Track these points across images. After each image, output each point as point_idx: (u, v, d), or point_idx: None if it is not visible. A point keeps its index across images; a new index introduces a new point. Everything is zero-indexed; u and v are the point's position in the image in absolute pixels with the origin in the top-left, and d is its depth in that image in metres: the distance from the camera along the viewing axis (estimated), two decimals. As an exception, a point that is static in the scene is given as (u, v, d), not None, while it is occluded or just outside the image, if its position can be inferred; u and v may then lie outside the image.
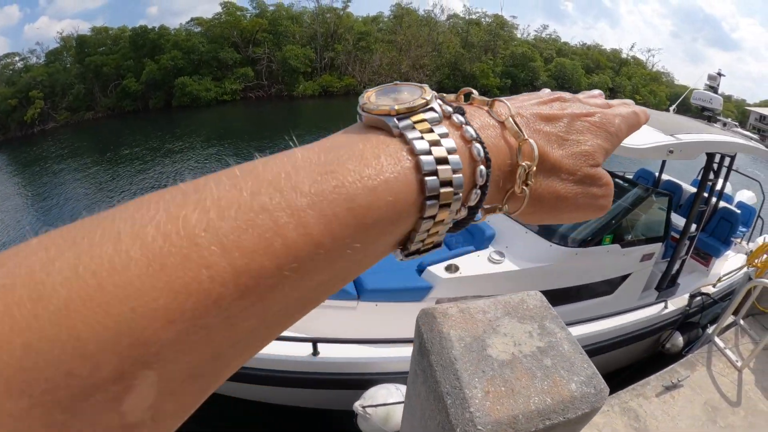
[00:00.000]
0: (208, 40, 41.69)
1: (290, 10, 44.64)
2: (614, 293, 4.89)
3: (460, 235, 4.72)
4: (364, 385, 3.56)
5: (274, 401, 4.25)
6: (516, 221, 4.54)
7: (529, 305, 1.51)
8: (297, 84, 39.94)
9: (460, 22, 47.31)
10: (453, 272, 4.13)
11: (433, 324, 1.41)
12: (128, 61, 42.59)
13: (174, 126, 31.64)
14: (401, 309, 4.13)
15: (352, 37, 41.87)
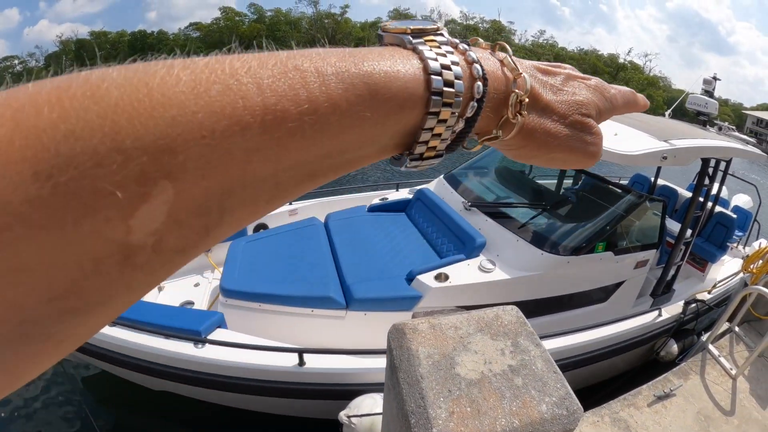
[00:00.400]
0: (207, 45, 41.83)
1: (288, 15, 44.91)
2: (608, 301, 4.83)
3: (450, 243, 4.65)
4: (351, 395, 3.53)
5: (260, 409, 4.23)
6: (507, 230, 4.52)
7: (503, 321, 1.47)
8: (295, 90, 39.85)
9: (458, 28, 47.23)
10: (443, 281, 4.06)
11: (402, 340, 1.38)
12: (126, 65, 42.88)
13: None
14: (391, 318, 3.93)
15: (350, 43, 41.69)
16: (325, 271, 4.51)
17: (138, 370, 3.97)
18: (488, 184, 5.66)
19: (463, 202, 5.02)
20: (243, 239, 5.33)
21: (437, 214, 5.11)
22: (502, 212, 4.85)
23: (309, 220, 5.70)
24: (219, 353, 3.67)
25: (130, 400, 5.20)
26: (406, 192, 6.17)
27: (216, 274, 5.74)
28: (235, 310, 4.26)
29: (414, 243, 4.98)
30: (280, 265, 4.69)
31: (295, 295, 4.14)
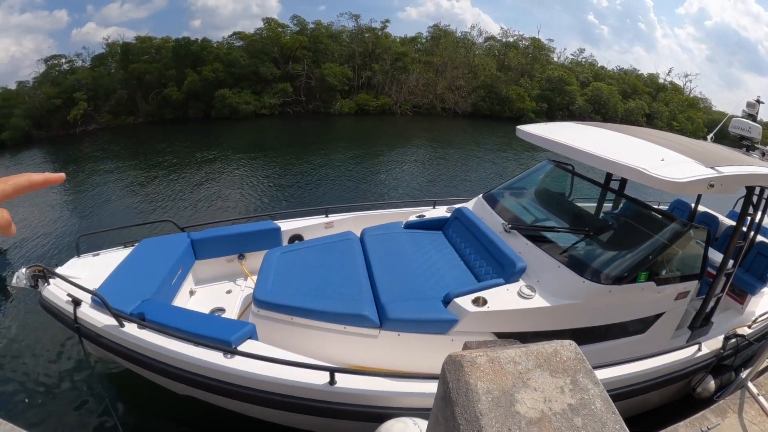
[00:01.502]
0: (249, 54, 42.42)
1: (330, 28, 45.21)
2: (646, 332, 4.66)
3: (489, 266, 4.55)
4: (380, 418, 3.44)
5: (286, 424, 4.22)
6: (548, 254, 4.40)
7: (562, 357, 1.43)
8: (334, 101, 40.09)
9: (497, 45, 47.18)
10: (480, 305, 3.97)
11: (460, 373, 1.34)
12: (170, 70, 43.60)
13: (212, 136, 32.07)
14: (424, 341, 4.05)
15: (389, 57, 41.95)
16: (360, 287, 4.47)
17: (165, 375, 3.98)
18: (528, 206, 5.55)
19: (503, 224, 4.93)
20: (278, 250, 5.29)
21: (476, 234, 5.02)
22: (542, 236, 4.72)
23: (345, 234, 5.65)
24: (249, 365, 3.66)
25: (151, 400, 5.23)
26: (444, 210, 6.07)
27: (249, 283, 5.82)
28: (266, 321, 4.25)
29: (451, 263, 4.90)
30: (314, 279, 4.66)
31: (328, 310, 4.11)
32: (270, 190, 16.82)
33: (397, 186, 15.96)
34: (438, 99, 40.58)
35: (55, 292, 4.52)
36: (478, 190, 6.18)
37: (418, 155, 21.73)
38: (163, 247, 5.50)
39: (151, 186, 18.99)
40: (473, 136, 28.60)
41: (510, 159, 20.34)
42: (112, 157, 28.05)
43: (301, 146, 25.37)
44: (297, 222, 6.43)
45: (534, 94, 40.50)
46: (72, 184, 21.37)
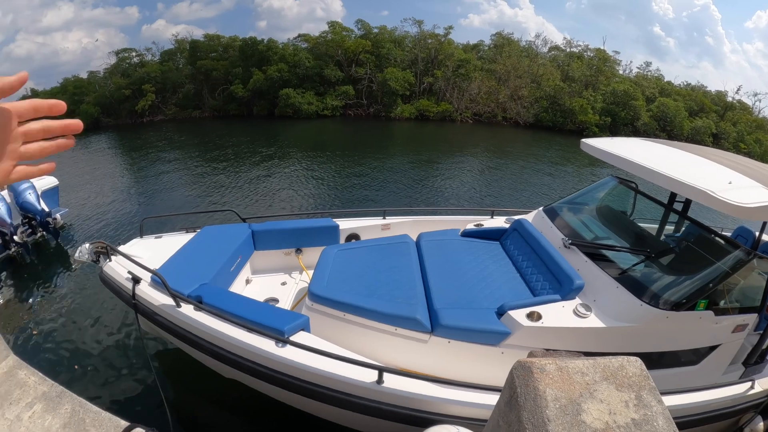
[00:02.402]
0: (314, 56, 43.18)
1: (393, 33, 45.45)
2: (699, 364, 4.48)
3: (546, 281, 4.47)
4: (424, 423, 3.47)
5: (329, 419, 4.27)
6: (607, 274, 4.26)
7: (628, 372, 1.44)
8: (395, 106, 40.18)
9: (561, 55, 46.19)
10: (535, 320, 3.90)
11: (529, 378, 1.39)
12: (237, 68, 44.72)
13: (274, 133, 32.82)
14: (474, 350, 4.02)
15: (451, 64, 41.72)
16: (414, 291, 4.48)
17: (215, 357, 4.10)
18: (588, 222, 5.42)
19: (563, 239, 4.83)
20: (335, 247, 5.39)
21: (534, 247, 4.96)
22: (602, 254, 4.59)
23: (401, 237, 5.67)
24: (299, 356, 3.72)
25: (197, 380, 5.42)
26: (502, 220, 6.01)
27: (304, 277, 5.95)
28: (319, 315, 4.33)
29: (507, 275, 4.86)
30: (369, 278, 4.72)
31: (381, 310, 4.14)
32: (328, 188, 17.08)
33: (453, 193, 15.93)
34: (500, 108, 39.95)
35: (116, 269, 4.77)
36: (535, 203, 6.15)
37: (475, 164, 21.51)
38: (224, 236, 5.71)
39: (212, 176, 19.61)
40: (533, 147, 27.84)
41: (570, 173, 19.91)
42: (177, 147, 29.10)
43: (360, 149, 25.59)
44: (354, 222, 6.52)
45: (598, 107, 39.12)
46: (136, 170, 22.44)
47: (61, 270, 10.64)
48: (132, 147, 30.94)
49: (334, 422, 4.30)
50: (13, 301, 9.03)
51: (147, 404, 5.50)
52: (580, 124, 37.50)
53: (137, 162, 25.05)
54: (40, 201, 12.12)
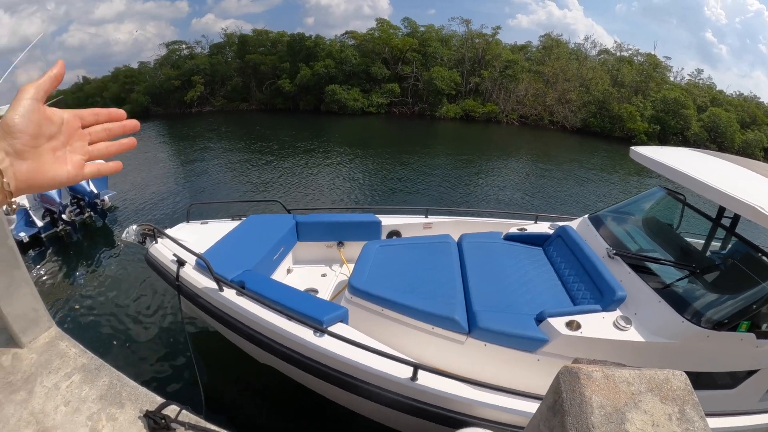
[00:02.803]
0: (360, 53, 43.44)
1: (440, 32, 45.22)
2: (736, 388, 4.27)
3: (587, 290, 4.37)
4: (455, 424, 3.45)
5: (359, 411, 4.31)
6: (650, 287, 4.11)
7: (672, 385, 1.44)
8: (440, 105, 39.98)
9: (611, 59, 44.66)
10: (574, 329, 3.81)
11: (576, 384, 1.39)
12: (284, 63, 45.30)
13: (319, 128, 33.12)
14: (509, 355, 3.96)
15: (499, 64, 41.22)
16: (453, 291, 4.46)
17: (253, 342, 4.18)
18: (633, 233, 5.27)
19: (607, 248, 4.72)
20: (377, 242, 5.42)
21: (578, 255, 4.86)
22: (646, 266, 4.42)
23: (443, 236, 5.67)
24: (336, 346, 3.76)
25: (232, 363, 5.54)
26: (546, 226, 5.91)
27: (344, 270, 6.03)
28: (357, 309, 4.37)
29: (548, 282, 4.78)
30: (410, 275, 4.74)
31: (419, 308, 4.14)
32: (370, 185, 17.22)
33: (495, 196, 15.83)
34: (546, 111, 39.14)
35: (162, 251, 4.96)
36: (578, 211, 6.06)
37: (519, 167, 21.25)
38: (269, 225, 5.86)
39: (257, 168, 20.02)
40: (579, 153, 27.05)
41: (615, 182, 19.39)
42: (223, 138, 29.84)
43: (403, 147, 25.65)
44: (396, 219, 6.54)
45: (647, 115, 37.53)
46: (183, 158, 23.12)
47: (105, 249, 11.10)
48: (180, 136, 31.76)
49: (364, 415, 4.34)
50: (58, 275, 9.47)
51: (181, 383, 5.67)
52: (628, 131, 36.15)
53: (184, 150, 25.73)
54: (89, 182, 12.58)
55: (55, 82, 0.81)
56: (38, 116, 0.76)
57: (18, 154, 0.73)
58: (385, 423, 4.27)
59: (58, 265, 10.17)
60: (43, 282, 8.72)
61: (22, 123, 0.73)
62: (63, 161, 0.80)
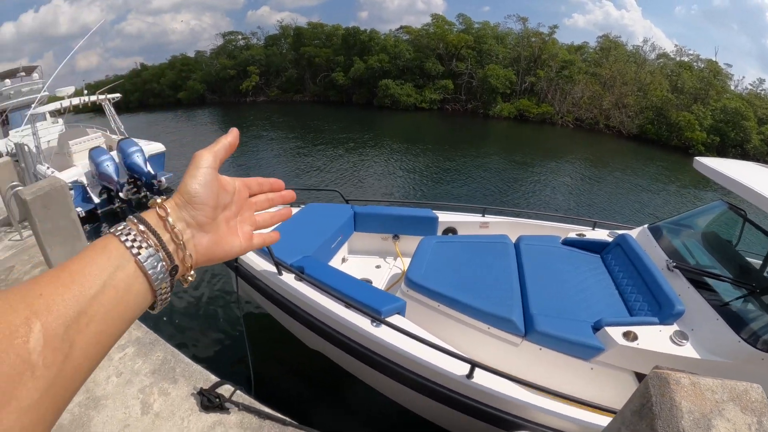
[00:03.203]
0: (415, 48, 43.37)
1: (496, 29, 44.58)
2: None
3: (645, 302, 4.27)
4: (508, 426, 3.45)
5: (408, 406, 4.30)
6: (709, 304, 3.96)
7: (751, 397, 1.46)
8: (494, 104, 39.47)
9: (670, 64, 42.47)
10: (630, 340, 3.73)
11: (666, 389, 1.42)
12: (339, 56, 45.65)
13: (371, 122, 33.41)
14: (563, 362, 3.92)
15: (555, 64, 40.38)
16: (511, 292, 4.44)
17: (309, 327, 4.27)
18: (691, 246, 5.08)
19: (667, 261, 4.56)
20: (434, 238, 5.45)
21: (637, 265, 4.75)
22: (705, 282, 4.26)
23: (501, 236, 5.62)
24: (392, 337, 3.79)
25: (282, 346, 5.68)
26: (605, 234, 5.82)
27: (398, 263, 6.11)
28: (413, 302, 4.39)
29: (605, 290, 4.69)
30: (466, 273, 4.73)
31: (476, 306, 4.13)
32: (422, 180, 17.30)
33: (547, 200, 15.65)
34: (602, 115, 37.69)
35: None
36: (631, 220, 5.94)
37: (573, 171, 20.90)
38: (328, 213, 6.01)
39: (310, 157, 20.54)
40: (634, 161, 26.22)
41: (671, 193, 18.57)
42: (277, 127, 30.56)
43: (456, 144, 25.58)
44: (453, 216, 6.54)
45: (706, 125, 35.15)
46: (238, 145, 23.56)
47: None
48: (234, 123, 32.25)
49: (410, 409, 4.34)
50: None
51: (232, 363, 5.85)
52: (686, 141, 34.06)
53: (239, 138, 26.30)
54: (147, 164, 13.20)
55: (230, 150, 0.81)
56: (217, 186, 0.75)
57: (200, 226, 0.71)
58: (432, 419, 4.26)
59: None
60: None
61: (205, 194, 0.72)
62: (235, 232, 0.79)
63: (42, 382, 0.46)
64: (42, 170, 12.05)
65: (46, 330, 0.48)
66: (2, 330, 0.44)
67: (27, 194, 4.03)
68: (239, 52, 52.30)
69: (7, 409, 0.42)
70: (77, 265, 0.56)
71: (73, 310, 0.51)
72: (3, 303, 0.47)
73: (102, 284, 0.55)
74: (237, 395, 3.44)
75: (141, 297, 0.62)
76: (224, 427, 3.19)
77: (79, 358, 0.51)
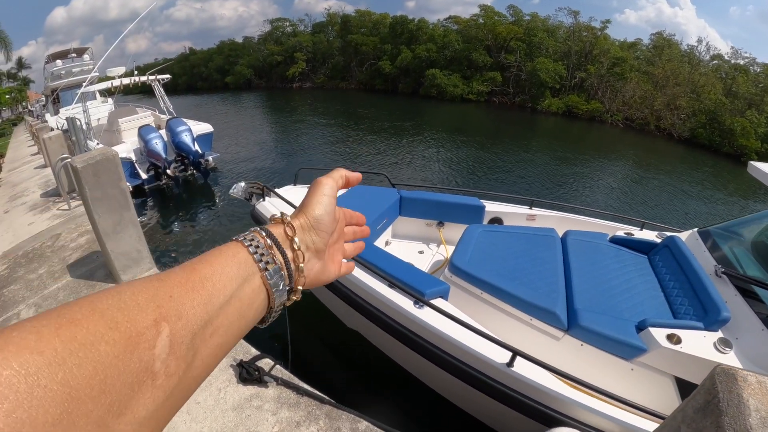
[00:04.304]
0: (463, 39, 43.14)
1: (546, 22, 44.02)
2: None
3: (690, 306, 4.18)
4: (546, 420, 3.41)
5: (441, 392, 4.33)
6: (756, 314, 3.88)
7: None
8: (542, 98, 39.05)
9: (725, 66, 40.78)
10: (674, 343, 3.64)
11: (733, 385, 1.38)
12: (386, 45, 45.77)
13: (417, 111, 33.19)
14: (604, 360, 3.87)
15: (606, 61, 39.53)
16: (556, 285, 4.38)
17: (351, 304, 4.31)
18: (739, 254, 4.90)
19: (715, 266, 4.48)
20: (480, 226, 5.41)
21: (684, 269, 4.64)
22: (753, 291, 4.14)
23: (548, 230, 5.57)
24: (435, 320, 3.78)
25: (320, 325, 5.75)
26: (653, 235, 5.71)
27: (441, 250, 6.09)
28: (456, 288, 4.38)
29: (650, 291, 4.60)
30: (511, 263, 4.69)
31: (520, 296, 4.10)
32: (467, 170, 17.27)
33: (594, 198, 15.43)
34: (653, 116, 36.42)
35: (268, 207, 5.29)
36: (677, 226, 5.81)
37: (620, 172, 20.42)
38: (374, 195, 6.05)
39: (356, 142, 20.87)
40: (683, 165, 25.45)
41: (719, 201, 17.83)
42: (324, 113, 30.87)
43: (503, 137, 25.49)
44: (499, 206, 6.48)
45: (760, 132, 33.38)
46: (284, 128, 24.33)
47: (205, 205, 11.90)
48: (280, 108, 32.92)
49: (444, 396, 4.35)
50: (159, 224, 10.28)
51: (271, 337, 5.86)
52: (739, 148, 32.20)
53: (285, 122, 26.86)
54: (195, 143, 13.54)
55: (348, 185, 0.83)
56: (334, 214, 0.75)
57: (316, 251, 0.72)
58: (466, 408, 4.27)
59: (159, 215, 11.05)
60: (143, 227, 9.57)
61: (327, 221, 0.72)
62: (333, 260, 0.79)
63: (161, 393, 0.42)
64: (92, 146, 12.37)
65: (174, 336, 0.44)
66: (128, 331, 0.40)
67: (78, 162, 4.13)
68: (286, 39, 53.01)
69: (122, 420, 0.37)
70: (207, 270, 0.53)
71: (201, 319, 0.48)
72: (131, 299, 0.43)
73: (230, 295, 0.53)
74: (276, 369, 3.47)
75: (258, 313, 0.60)
76: (261, 400, 3.21)
77: (198, 370, 0.48)
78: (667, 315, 4.26)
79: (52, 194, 8.86)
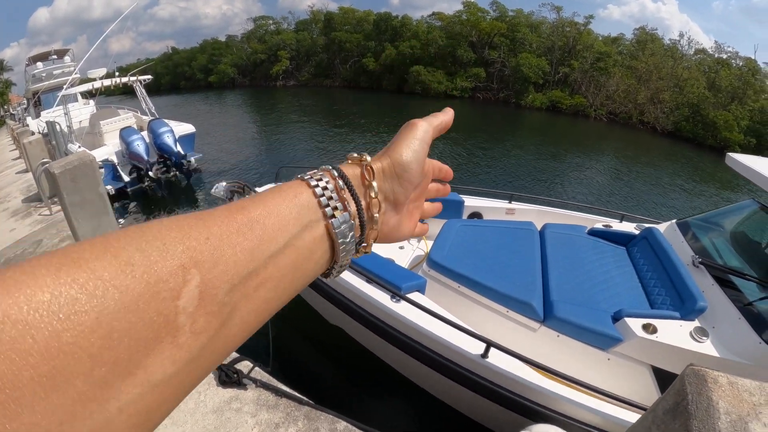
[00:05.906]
0: (447, 35, 43.18)
1: (530, 17, 44.17)
2: None
3: (667, 296, 4.22)
4: (523, 411, 3.44)
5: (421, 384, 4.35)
6: (732, 303, 3.91)
7: None
8: (526, 93, 39.08)
9: (708, 60, 40.87)
10: (650, 333, 3.68)
11: (703, 387, 1.38)
12: (370, 42, 45.86)
13: (401, 108, 33.36)
14: (580, 350, 3.90)
15: (590, 56, 39.75)
16: (532, 278, 4.43)
17: (330, 300, 4.34)
18: (719, 245, 4.92)
19: (692, 257, 4.51)
20: (458, 221, 5.46)
21: (662, 259, 4.68)
22: (730, 281, 4.19)
23: (526, 223, 5.61)
24: (411, 314, 3.83)
25: (302, 322, 5.70)
26: (632, 226, 5.75)
27: (421, 245, 6.11)
28: (433, 282, 4.43)
29: (628, 283, 4.65)
30: (489, 257, 4.72)
31: (497, 289, 4.14)
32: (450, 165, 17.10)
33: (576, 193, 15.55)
34: (637, 110, 36.68)
35: None
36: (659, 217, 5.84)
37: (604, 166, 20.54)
38: None
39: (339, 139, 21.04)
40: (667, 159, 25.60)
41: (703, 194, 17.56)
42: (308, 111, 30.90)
43: (487, 132, 25.51)
44: (479, 201, 6.55)
45: (742, 125, 33.77)
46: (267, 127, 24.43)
47: (188, 206, 12.00)
48: (263, 106, 32.91)
49: (425, 389, 4.38)
50: None
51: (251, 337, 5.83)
52: (722, 141, 32.51)
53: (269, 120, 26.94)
54: (177, 144, 13.51)
55: (444, 129, 0.72)
56: (424, 163, 0.65)
57: (396, 203, 0.62)
58: (446, 401, 4.30)
59: (141, 218, 11.11)
60: (125, 230, 9.57)
61: (415, 170, 0.62)
62: (411, 217, 0.68)
63: (184, 353, 0.34)
64: (73, 149, 12.28)
65: (205, 287, 0.36)
66: (145, 276, 0.32)
67: (56, 168, 4.12)
68: (270, 37, 52.89)
69: (131, 381, 0.31)
70: (259, 211, 0.45)
71: (245, 268, 0.40)
72: (156, 238, 0.35)
73: (285, 243, 0.45)
74: (255, 371, 3.48)
75: (319, 266, 0.52)
76: (240, 402, 3.22)
77: (234, 329, 0.40)
78: (645, 305, 4.30)
79: (33, 199, 8.79)
